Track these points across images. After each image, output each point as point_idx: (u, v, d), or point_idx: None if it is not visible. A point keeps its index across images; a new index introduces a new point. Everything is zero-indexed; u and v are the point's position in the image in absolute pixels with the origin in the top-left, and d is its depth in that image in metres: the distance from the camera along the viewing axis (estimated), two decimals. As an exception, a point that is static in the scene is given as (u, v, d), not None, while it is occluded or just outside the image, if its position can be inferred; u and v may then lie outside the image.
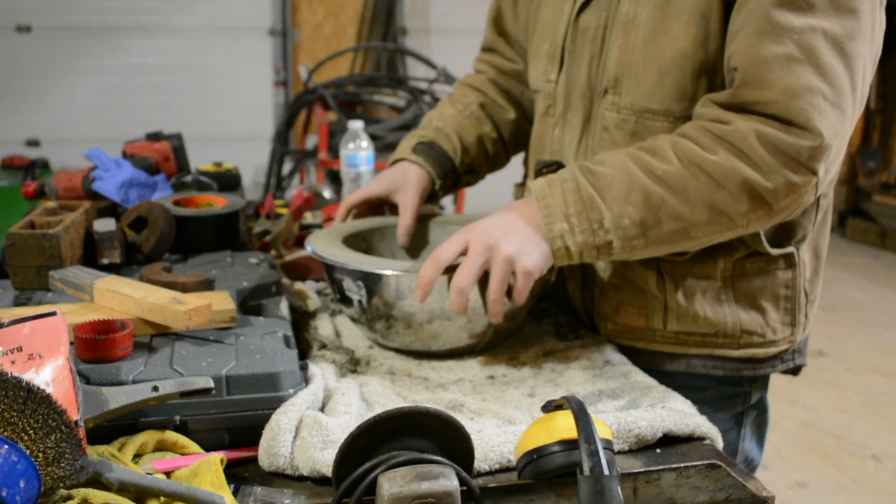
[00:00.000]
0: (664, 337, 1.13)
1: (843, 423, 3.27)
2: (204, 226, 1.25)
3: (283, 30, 6.19)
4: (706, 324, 1.11)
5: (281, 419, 0.80)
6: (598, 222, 0.97)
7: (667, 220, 0.96)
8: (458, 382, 1.01)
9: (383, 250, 1.28)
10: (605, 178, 0.98)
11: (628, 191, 0.96)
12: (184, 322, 0.91)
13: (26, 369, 0.73)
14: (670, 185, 0.96)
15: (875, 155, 6.44)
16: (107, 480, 0.69)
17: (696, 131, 0.98)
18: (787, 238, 1.11)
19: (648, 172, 0.97)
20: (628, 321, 1.14)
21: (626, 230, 0.97)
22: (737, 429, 1.20)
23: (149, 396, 0.78)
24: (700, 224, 0.97)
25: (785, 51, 0.93)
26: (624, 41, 1.08)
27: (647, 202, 0.96)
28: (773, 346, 1.14)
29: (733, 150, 0.94)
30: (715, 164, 0.95)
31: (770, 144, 0.93)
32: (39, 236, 1.08)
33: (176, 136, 1.60)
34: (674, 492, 0.81)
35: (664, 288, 1.11)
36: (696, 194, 0.95)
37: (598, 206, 0.97)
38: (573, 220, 0.98)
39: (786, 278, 1.12)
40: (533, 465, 0.73)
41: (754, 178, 0.94)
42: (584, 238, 0.98)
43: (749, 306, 1.11)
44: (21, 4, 5.75)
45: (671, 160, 0.96)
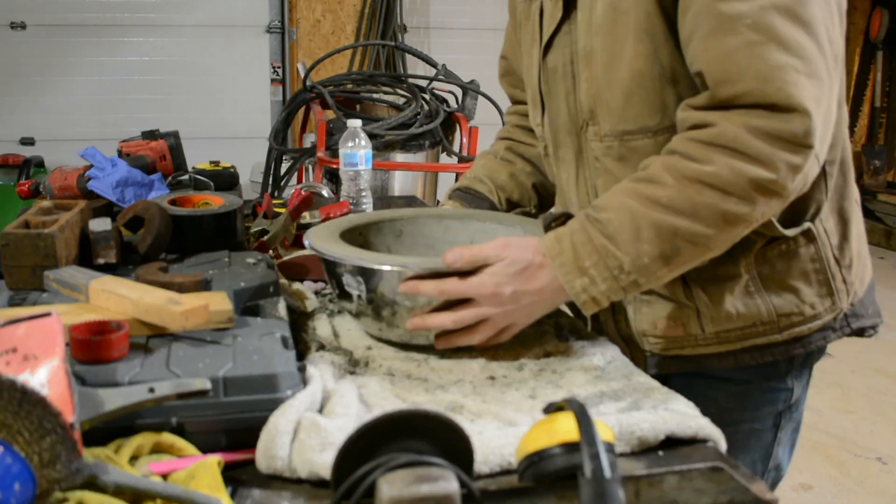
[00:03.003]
0: (706, 340, 1.13)
1: (847, 424, 3.27)
2: (201, 225, 1.24)
3: (281, 27, 6.18)
4: (741, 319, 1.11)
5: (279, 421, 0.80)
6: (617, 268, 0.97)
7: (684, 245, 0.96)
8: (458, 384, 1.00)
9: (379, 245, 1.27)
10: (612, 224, 0.98)
11: (638, 230, 0.96)
12: (180, 323, 0.90)
13: (21, 371, 0.73)
14: (678, 210, 0.95)
15: (880, 154, 6.44)
16: (102, 483, 0.68)
17: (685, 145, 0.97)
18: (801, 215, 1.10)
19: (652, 205, 0.96)
20: (668, 333, 1.15)
21: (648, 267, 0.97)
22: (774, 431, 1.18)
23: (145, 398, 0.77)
24: (717, 235, 0.97)
25: (743, 39, 0.93)
26: (588, 73, 1.10)
27: (660, 235, 0.96)
28: (817, 319, 1.12)
29: (729, 152, 0.94)
30: (715, 174, 0.94)
31: (764, 134, 0.92)
32: (34, 236, 1.07)
33: (172, 135, 1.60)
34: (676, 494, 0.81)
35: (692, 295, 1.11)
36: (706, 210, 0.95)
37: (613, 253, 0.97)
38: (592, 272, 0.98)
39: (810, 254, 1.10)
40: (534, 467, 0.73)
41: (759, 174, 0.93)
42: (607, 286, 0.98)
43: (780, 290, 1.10)
44: (16, 1, 5.73)
45: (669, 184, 0.96)
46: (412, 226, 1.28)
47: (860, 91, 6.56)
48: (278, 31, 6.19)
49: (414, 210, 1.34)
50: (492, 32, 6.62)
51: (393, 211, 1.31)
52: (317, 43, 6.26)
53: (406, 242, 1.29)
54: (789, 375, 1.17)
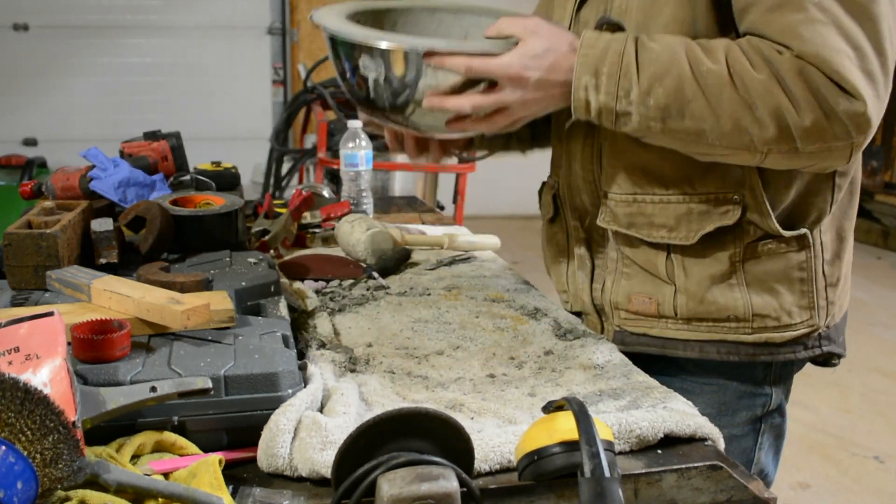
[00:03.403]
0: (676, 324, 1.13)
1: (845, 423, 3.27)
2: (202, 225, 1.24)
3: (282, 28, 6.19)
4: (717, 308, 1.10)
5: (280, 420, 0.80)
6: (624, 90, 0.98)
7: (690, 117, 0.96)
8: (458, 381, 1.01)
9: None
10: (651, 52, 0.98)
11: (665, 73, 0.96)
12: (182, 322, 0.91)
13: (24, 370, 0.73)
14: (708, 84, 0.95)
15: (878, 154, 6.43)
16: (104, 482, 0.69)
17: (751, 47, 0.97)
18: (800, 220, 1.09)
19: (693, 63, 0.96)
20: (640, 309, 1.14)
21: (648, 109, 0.97)
22: (754, 435, 1.18)
23: (147, 397, 0.77)
24: (720, 133, 0.96)
25: (807, 16, 0.93)
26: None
27: (679, 92, 0.96)
28: (790, 329, 1.11)
29: (777, 76, 0.94)
30: (756, 82, 0.94)
31: (812, 84, 0.93)
32: (37, 236, 1.07)
33: (174, 136, 1.60)
34: (675, 493, 0.81)
35: (673, 273, 1.10)
36: (728, 104, 0.95)
37: (630, 76, 0.97)
38: (603, 78, 0.98)
39: (799, 260, 1.09)
40: (533, 466, 0.73)
41: (787, 109, 0.93)
42: (606, 99, 0.98)
43: (761, 289, 1.09)
44: (18, 3, 5.74)
45: (720, 61, 0.96)
46: (405, 18, 1.24)
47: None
48: (279, 32, 6.20)
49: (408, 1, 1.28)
50: (493, 32, 6.62)
51: (387, 2, 1.26)
52: (318, 44, 6.26)
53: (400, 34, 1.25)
54: (766, 382, 1.16)
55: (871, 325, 4.39)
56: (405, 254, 1.54)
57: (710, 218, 1.07)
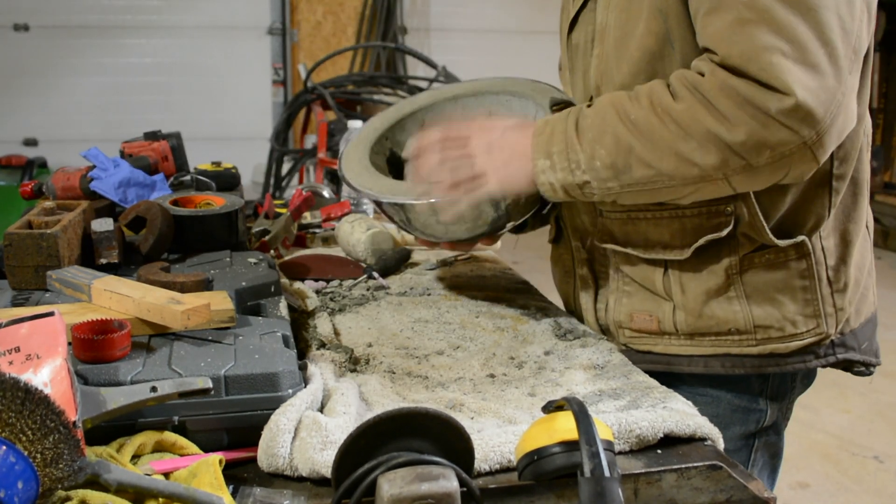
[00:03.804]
0: (679, 339, 1.12)
1: (844, 423, 3.27)
2: (202, 225, 1.24)
3: (283, 29, 6.19)
4: (716, 322, 1.09)
5: (280, 420, 0.80)
6: (575, 162, 1.01)
7: (636, 166, 0.98)
8: (458, 381, 1.01)
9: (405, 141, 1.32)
10: (587, 119, 1.01)
11: (602, 134, 0.99)
12: (182, 322, 0.91)
13: (24, 370, 0.73)
14: (640, 130, 0.97)
15: (877, 154, 6.43)
16: (105, 481, 0.69)
17: (676, 79, 0.98)
18: (797, 227, 1.08)
19: (623, 116, 0.98)
20: (643, 326, 1.14)
21: (599, 172, 1.00)
22: (747, 451, 1.16)
23: (147, 397, 0.77)
24: (669, 174, 0.96)
25: (735, 15, 0.92)
26: (600, 49, 1.10)
27: (618, 146, 0.98)
28: (797, 339, 1.09)
29: (700, 99, 0.93)
30: (680, 112, 0.94)
31: (736, 96, 0.91)
32: (37, 236, 1.08)
33: (174, 136, 1.60)
34: (675, 493, 0.81)
35: (670, 289, 1.10)
36: (663, 142, 0.95)
37: (574, 147, 1.01)
38: (555, 157, 1.03)
39: (800, 269, 1.08)
40: (533, 465, 0.73)
41: (718, 130, 0.92)
42: (563, 175, 1.03)
43: (762, 300, 1.08)
44: (19, 3, 5.74)
45: (643, 106, 0.98)
46: (432, 113, 1.32)
47: (860, 91, 6.55)
48: (279, 32, 6.21)
49: (430, 94, 1.37)
50: (491, 34, 6.62)
51: (411, 101, 1.35)
52: (318, 44, 6.27)
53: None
54: (762, 396, 1.15)
55: (871, 325, 4.38)
56: (405, 254, 1.54)
57: (702, 231, 1.07)
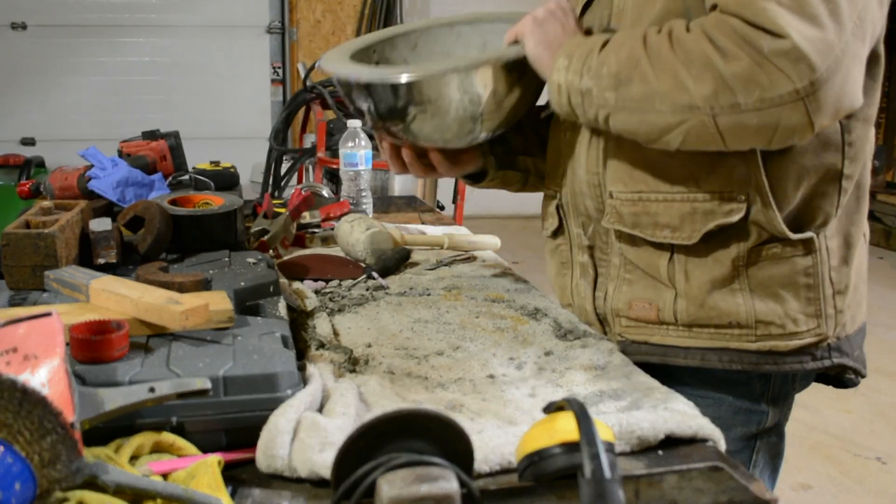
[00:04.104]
0: (677, 330, 1.12)
1: (846, 424, 3.26)
2: (201, 225, 1.24)
3: (282, 27, 6.19)
4: (717, 314, 1.08)
5: (279, 420, 0.80)
6: (587, 67, 1.04)
7: (637, 80, 1.00)
8: (458, 382, 1.00)
9: (396, 59, 1.30)
10: (616, 35, 1.05)
11: (620, 47, 1.03)
12: (180, 322, 0.90)
13: (22, 370, 0.73)
14: (651, 49, 1.00)
15: (879, 154, 6.43)
16: (103, 483, 0.69)
17: (692, 21, 1.00)
18: (806, 223, 1.08)
19: (643, 38, 1.02)
20: (641, 315, 1.13)
21: (602, 79, 1.02)
22: (748, 453, 1.16)
23: (145, 398, 0.77)
24: (663, 93, 0.98)
25: None
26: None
27: (629, 58, 1.01)
28: (796, 338, 1.09)
29: (704, 32, 0.97)
30: (687, 39, 0.97)
31: (733, 34, 0.93)
32: (35, 236, 1.07)
33: (173, 135, 1.60)
34: (676, 494, 0.81)
35: (674, 276, 1.10)
36: (667, 62, 0.98)
37: (593, 55, 1.04)
38: (574, 59, 1.06)
39: (805, 265, 1.08)
40: (534, 467, 0.73)
41: (715, 59, 0.94)
42: (572, 77, 1.06)
43: (765, 295, 1.08)
44: (16, 2, 5.74)
45: (664, 32, 1.01)
46: (426, 37, 1.31)
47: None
48: (279, 31, 6.20)
49: (426, 21, 1.36)
50: (492, 33, 6.62)
51: (406, 25, 1.34)
52: (317, 43, 6.26)
53: (422, 54, 1.32)
54: (763, 398, 1.14)
55: (871, 326, 4.35)
56: (405, 254, 1.53)
57: (713, 216, 1.06)
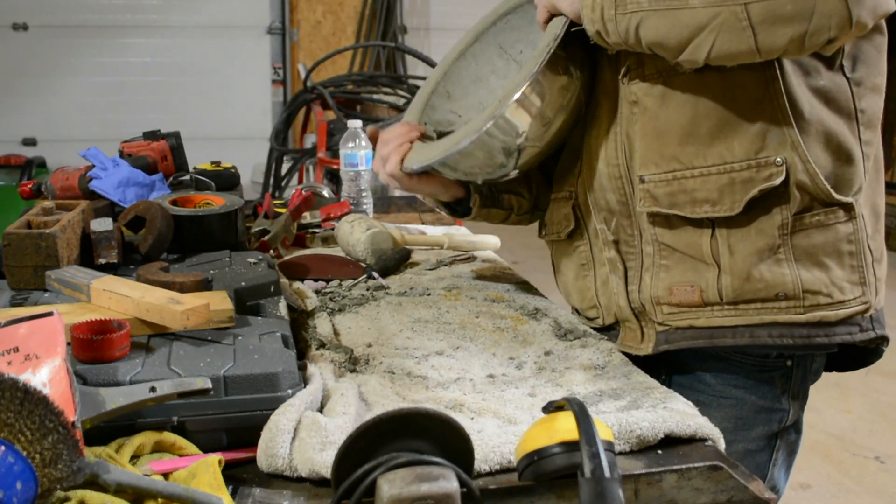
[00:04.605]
0: (723, 310, 1.08)
1: (845, 424, 3.26)
2: (202, 225, 1.24)
3: (282, 28, 6.19)
4: (764, 286, 1.06)
5: (279, 420, 0.80)
6: None
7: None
8: (458, 381, 1.01)
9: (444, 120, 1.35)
10: None
11: None
12: (181, 322, 0.91)
13: (23, 370, 0.73)
14: None
15: (876, 154, 6.42)
16: (104, 482, 0.69)
17: None
18: (847, 186, 1.07)
19: None
20: (683, 299, 1.10)
21: None
22: (769, 451, 1.16)
23: (146, 397, 0.77)
24: (697, 10, 0.95)
25: None
26: None
27: None
28: (844, 306, 1.07)
29: None
30: None
31: None
32: (36, 236, 1.07)
33: (174, 135, 1.60)
34: (675, 493, 0.81)
35: (717, 251, 1.07)
36: None
37: None
38: None
39: (847, 232, 1.06)
40: (534, 466, 0.73)
41: None
42: None
43: (810, 264, 1.06)
44: (17, 2, 5.74)
45: None
46: (451, 81, 1.37)
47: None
48: (279, 32, 6.20)
49: (438, 68, 1.39)
50: (492, 33, 6.62)
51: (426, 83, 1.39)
52: (317, 44, 6.26)
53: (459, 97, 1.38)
54: (785, 395, 1.14)
55: (870, 325, 4.38)
56: (405, 254, 1.54)
57: (753, 183, 1.03)
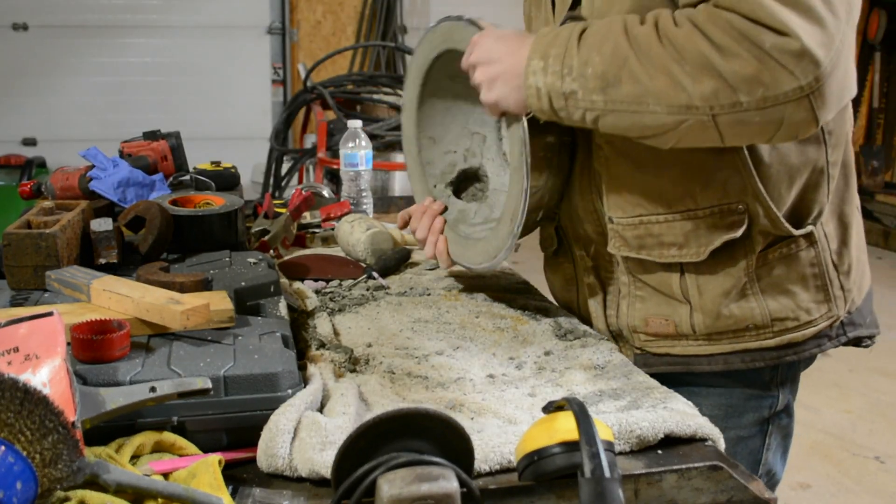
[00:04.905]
0: (697, 341, 1.12)
1: (845, 423, 3.26)
2: (202, 225, 1.24)
3: (282, 28, 6.19)
4: (734, 321, 1.09)
5: (279, 420, 0.80)
6: (568, 67, 0.99)
7: (626, 80, 0.95)
8: (458, 381, 1.01)
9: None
10: (592, 27, 0.99)
11: (602, 42, 0.97)
12: (181, 322, 0.91)
13: (23, 370, 0.73)
14: (639, 44, 0.95)
15: (878, 154, 6.42)
16: (104, 482, 0.69)
17: (679, 12, 0.96)
18: (804, 217, 1.09)
19: (625, 31, 0.97)
20: (659, 331, 1.14)
21: (588, 80, 0.97)
22: (761, 437, 1.17)
23: (146, 397, 0.77)
24: (657, 93, 0.94)
25: None
26: None
27: (614, 56, 0.96)
28: (811, 325, 1.11)
29: (697, 28, 0.92)
30: (678, 34, 0.93)
31: (730, 29, 0.90)
32: (36, 236, 1.07)
33: (174, 135, 1.60)
34: (675, 493, 0.81)
35: (688, 291, 1.10)
36: (658, 59, 0.94)
37: (572, 51, 0.99)
38: (550, 60, 1.00)
39: (809, 257, 1.09)
40: (534, 466, 0.73)
41: (712, 55, 0.91)
42: (552, 80, 1.00)
43: (776, 293, 1.09)
44: (17, 2, 5.74)
45: (648, 24, 0.97)
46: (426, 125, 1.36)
47: (858, 92, 6.54)
48: (279, 32, 6.20)
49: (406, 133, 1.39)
50: (492, 33, 6.62)
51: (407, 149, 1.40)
52: (317, 44, 6.26)
53: (441, 140, 1.37)
54: (773, 383, 1.16)
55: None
56: (405, 254, 1.54)
57: (717, 232, 1.06)
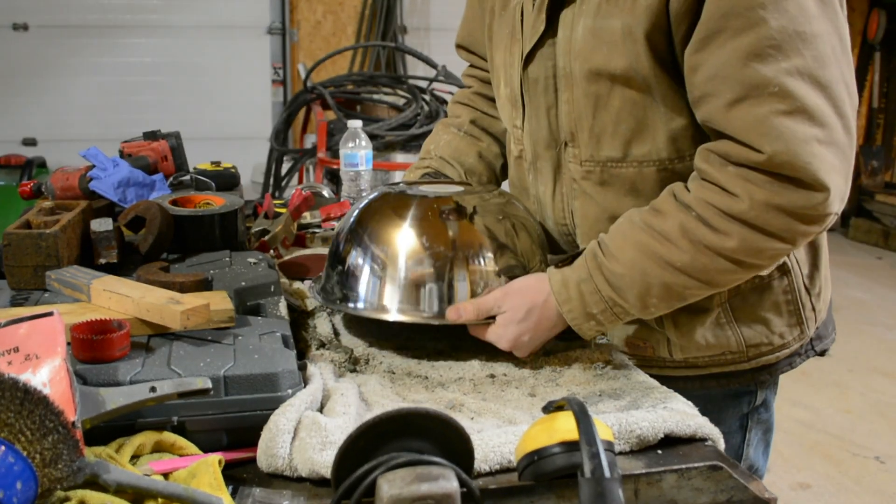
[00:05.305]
0: (674, 363, 1.15)
1: (845, 423, 3.26)
2: (202, 225, 1.24)
3: (282, 28, 6.19)
4: (710, 348, 1.13)
5: (279, 420, 0.80)
6: (623, 312, 1.02)
7: (691, 297, 1.02)
8: (458, 381, 1.01)
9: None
10: (624, 279, 0.99)
11: (648, 289, 0.99)
12: (181, 322, 0.91)
13: (23, 370, 0.73)
14: (691, 275, 0.97)
15: (878, 154, 6.42)
16: (104, 482, 0.69)
17: (704, 208, 0.95)
18: None
19: (666, 266, 0.97)
20: (638, 352, 1.17)
21: (651, 311, 1.02)
22: (742, 433, 1.20)
23: (146, 397, 0.77)
24: (726, 286, 1.03)
25: (771, 108, 0.90)
26: (569, 95, 1.08)
27: (670, 293, 0.99)
28: (785, 348, 1.15)
29: (749, 228, 0.94)
30: (734, 249, 0.95)
31: (786, 212, 0.93)
32: (36, 236, 1.07)
33: (174, 135, 1.60)
34: (675, 493, 0.81)
35: (662, 322, 1.13)
36: (720, 275, 0.98)
37: (620, 304, 1.01)
38: (599, 317, 1.02)
39: (783, 286, 1.13)
40: (533, 466, 0.73)
41: (776, 246, 0.96)
42: (612, 324, 1.04)
43: (751, 321, 1.13)
44: (18, 2, 5.74)
45: (685, 249, 0.96)
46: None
47: (858, 92, 6.53)
48: (279, 32, 6.20)
49: None
50: (492, 33, 6.61)
51: None
52: (317, 44, 6.26)
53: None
54: (751, 381, 1.18)
55: (871, 325, 4.38)
56: (405, 254, 1.53)
57: None
